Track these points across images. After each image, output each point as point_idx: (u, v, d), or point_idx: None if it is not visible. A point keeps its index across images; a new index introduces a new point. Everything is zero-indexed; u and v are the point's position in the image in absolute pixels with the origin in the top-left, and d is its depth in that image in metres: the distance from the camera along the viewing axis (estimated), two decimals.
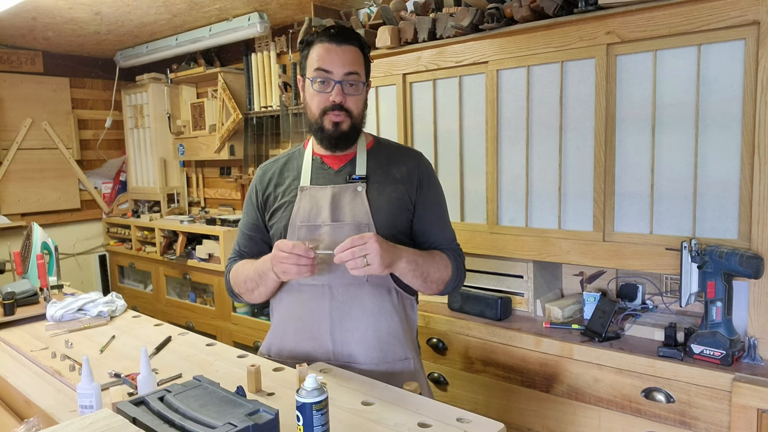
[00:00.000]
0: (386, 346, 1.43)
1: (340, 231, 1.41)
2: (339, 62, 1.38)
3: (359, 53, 1.43)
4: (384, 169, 1.49)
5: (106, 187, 4.59)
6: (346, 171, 1.48)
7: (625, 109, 1.87)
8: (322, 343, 1.43)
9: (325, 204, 1.44)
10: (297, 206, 1.46)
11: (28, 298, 1.99)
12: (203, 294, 3.81)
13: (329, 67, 1.38)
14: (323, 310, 1.42)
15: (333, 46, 1.39)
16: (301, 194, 1.47)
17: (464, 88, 2.25)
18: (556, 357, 1.91)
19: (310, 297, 1.44)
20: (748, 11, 1.60)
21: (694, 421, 1.65)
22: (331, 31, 1.41)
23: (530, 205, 2.12)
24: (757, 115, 1.62)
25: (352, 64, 1.40)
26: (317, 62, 1.40)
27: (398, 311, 1.46)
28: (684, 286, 1.74)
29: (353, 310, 1.42)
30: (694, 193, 1.77)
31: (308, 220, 1.44)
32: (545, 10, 1.94)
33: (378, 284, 1.44)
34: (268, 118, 3.59)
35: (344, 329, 1.42)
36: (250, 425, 0.94)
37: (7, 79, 3.97)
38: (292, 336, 1.47)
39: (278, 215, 1.49)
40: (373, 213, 1.42)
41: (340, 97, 1.39)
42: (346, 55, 1.39)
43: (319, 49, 1.40)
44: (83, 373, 1.17)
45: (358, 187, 1.44)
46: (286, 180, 1.53)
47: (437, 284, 1.44)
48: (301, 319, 1.45)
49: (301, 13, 3.20)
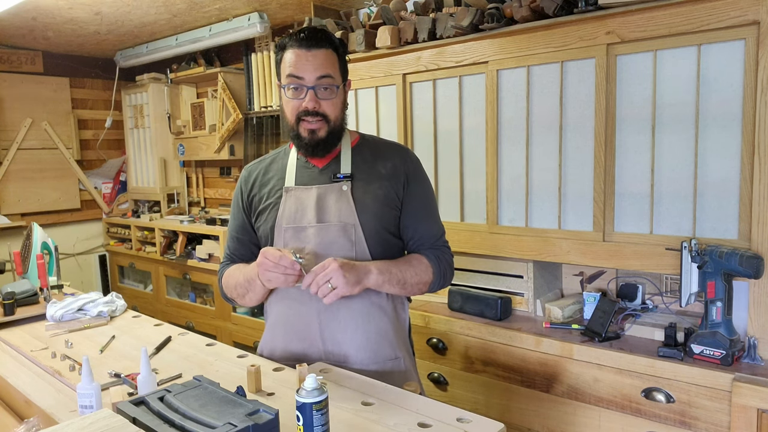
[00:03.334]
0: (376, 346, 1.43)
1: (327, 232, 1.41)
2: (310, 67, 1.36)
3: (332, 55, 1.40)
4: (369, 165, 1.47)
5: (106, 187, 4.59)
6: (330, 169, 1.47)
7: (625, 109, 1.87)
8: (313, 344, 1.44)
9: (311, 205, 1.43)
10: (282, 208, 1.45)
11: (28, 298, 1.99)
12: (203, 294, 3.81)
13: (300, 73, 1.36)
14: (311, 312, 1.43)
15: (302, 51, 1.37)
16: (286, 195, 1.46)
17: (464, 88, 2.25)
18: (556, 357, 1.91)
19: (299, 299, 1.44)
20: (748, 11, 1.60)
21: (694, 421, 1.65)
22: (301, 35, 1.38)
23: (530, 205, 2.12)
24: (757, 115, 1.62)
25: (324, 67, 1.37)
26: (289, 68, 1.38)
27: (387, 312, 1.46)
28: (684, 286, 1.74)
29: (341, 312, 1.42)
30: (694, 193, 1.77)
31: (294, 221, 1.43)
32: (545, 10, 1.94)
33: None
34: (268, 118, 3.59)
35: (333, 330, 1.42)
36: (250, 425, 0.94)
37: (7, 79, 3.97)
38: (283, 338, 1.47)
39: (264, 217, 1.49)
40: (359, 212, 1.41)
41: (312, 103, 1.37)
42: (317, 60, 1.37)
43: (289, 54, 1.38)
44: (83, 373, 1.17)
45: (343, 186, 1.43)
46: (270, 180, 1.52)
47: (418, 287, 1.44)
48: (291, 321, 1.46)
49: (301, 13, 3.20)
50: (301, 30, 1.41)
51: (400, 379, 1.42)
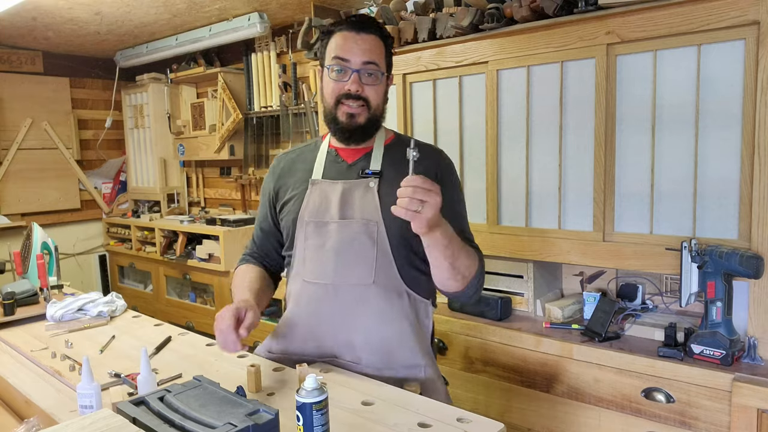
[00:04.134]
0: (392, 351, 1.36)
1: (349, 228, 1.36)
2: (357, 50, 1.34)
3: (380, 43, 1.38)
4: (400, 165, 1.37)
5: (106, 187, 4.59)
6: (359, 165, 1.43)
7: (625, 109, 1.87)
8: (327, 345, 1.39)
9: (335, 199, 1.39)
10: (306, 200, 1.42)
11: (28, 298, 1.99)
12: (203, 294, 3.81)
13: (347, 55, 1.34)
14: (326, 311, 1.38)
15: (351, 33, 1.35)
16: (312, 188, 1.43)
17: (464, 88, 2.25)
18: (556, 357, 1.91)
19: (314, 297, 1.39)
20: (748, 11, 1.60)
21: (694, 421, 1.65)
22: (352, 19, 1.37)
23: (530, 205, 2.12)
24: (757, 115, 1.62)
25: (371, 53, 1.35)
26: (335, 50, 1.35)
27: (408, 316, 1.38)
28: (684, 286, 1.74)
29: (357, 312, 1.36)
30: (694, 193, 1.77)
31: (316, 215, 1.40)
32: (545, 10, 1.94)
33: (386, 287, 1.36)
34: (268, 118, 3.59)
35: (348, 331, 1.37)
36: (250, 425, 0.94)
37: (7, 79, 3.97)
38: (299, 337, 1.43)
39: (287, 208, 1.47)
40: (384, 211, 1.35)
41: (356, 85, 1.34)
42: (365, 44, 1.35)
43: (338, 37, 1.37)
44: (83, 373, 1.17)
45: (370, 183, 1.38)
46: (297, 172, 1.49)
47: (462, 275, 1.30)
48: (305, 318, 1.42)
49: (301, 13, 3.20)
50: (352, 16, 1.40)
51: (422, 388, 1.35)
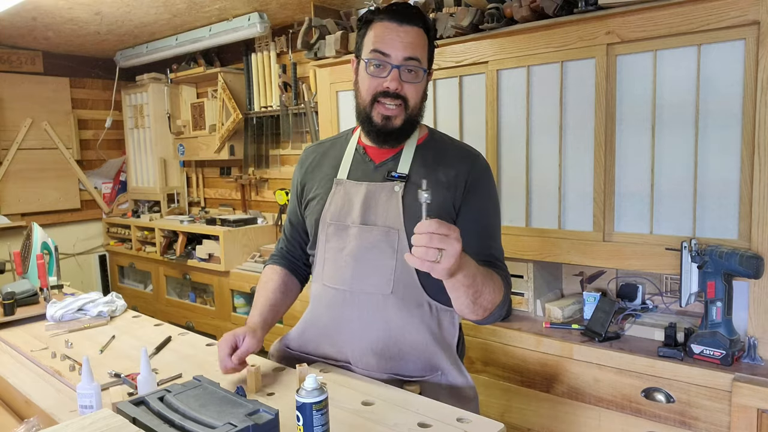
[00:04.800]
0: (414, 361, 1.31)
1: (369, 234, 1.29)
2: (399, 44, 1.24)
3: (423, 36, 1.27)
4: (429, 169, 1.31)
5: (106, 187, 4.59)
6: (386, 167, 1.34)
7: (625, 109, 1.87)
8: (343, 349, 1.35)
9: (358, 202, 1.32)
10: (329, 201, 1.36)
11: (28, 298, 1.99)
12: (203, 294, 3.81)
13: (387, 49, 1.24)
14: (345, 317, 1.32)
15: (393, 24, 1.24)
16: (336, 188, 1.36)
17: (464, 88, 2.25)
18: (556, 357, 1.91)
19: (333, 302, 1.34)
20: (748, 11, 1.60)
21: (694, 421, 1.65)
22: (394, 8, 1.26)
23: (530, 205, 2.12)
24: (757, 115, 1.62)
25: (413, 47, 1.24)
26: (374, 43, 1.25)
27: (430, 327, 1.30)
28: (684, 286, 1.74)
29: (376, 321, 1.29)
30: (694, 193, 1.77)
31: (338, 218, 1.34)
32: (545, 10, 1.94)
33: (405, 297, 1.28)
34: (268, 118, 3.59)
35: (366, 340, 1.31)
36: (250, 425, 0.94)
37: (7, 79, 3.97)
38: (315, 338, 1.40)
39: (311, 207, 1.41)
40: (406, 219, 1.26)
41: (395, 83, 1.24)
42: (408, 37, 1.24)
43: (378, 28, 1.26)
44: (83, 373, 1.17)
45: (396, 187, 1.29)
46: (324, 167, 1.42)
47: (484, 308, 1.20)
48: (325, 321, 1.37)
49: (301, 13, 3.20)
50: (393, 3, 1.31)
51: (444, 395, 1.30)
